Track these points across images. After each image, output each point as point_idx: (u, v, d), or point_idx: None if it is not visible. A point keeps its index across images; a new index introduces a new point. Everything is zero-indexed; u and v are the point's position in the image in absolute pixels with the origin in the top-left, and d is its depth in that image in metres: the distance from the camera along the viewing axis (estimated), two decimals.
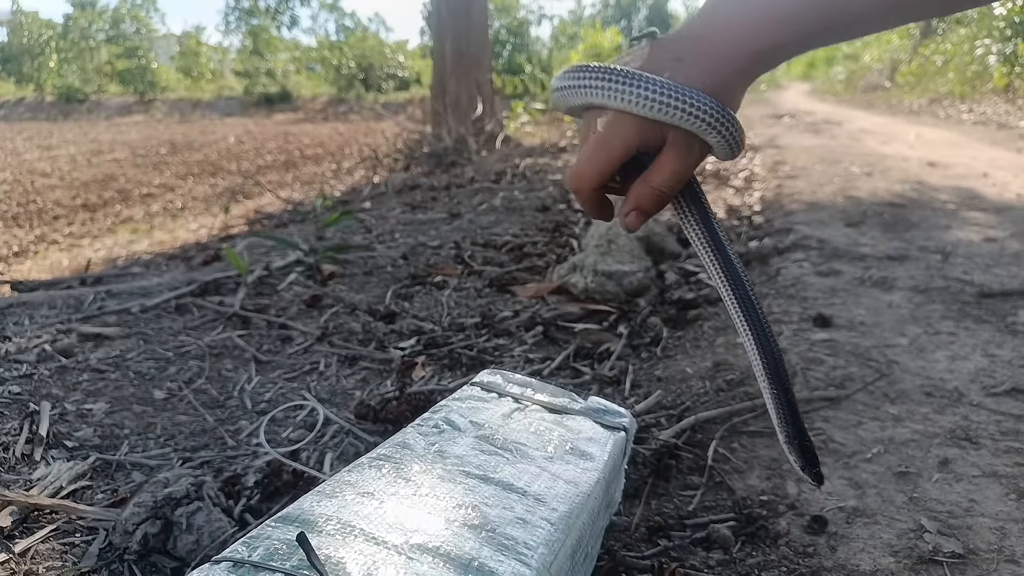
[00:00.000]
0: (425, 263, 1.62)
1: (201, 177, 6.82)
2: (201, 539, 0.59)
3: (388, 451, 0.50)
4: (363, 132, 10.11)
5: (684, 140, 0.43)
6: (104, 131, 12.50)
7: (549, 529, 0.43)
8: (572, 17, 23.79)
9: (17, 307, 1.21)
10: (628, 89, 0.42)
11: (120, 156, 8.50)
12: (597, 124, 0.46)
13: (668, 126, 0.42)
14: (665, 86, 0.41)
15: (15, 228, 4.74)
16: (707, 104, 0.41)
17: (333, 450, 0.79)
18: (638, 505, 0.68)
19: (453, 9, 5.91)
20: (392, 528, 0.40)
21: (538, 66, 13.38)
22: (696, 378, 0.98)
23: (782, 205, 2.34)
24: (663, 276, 1.53)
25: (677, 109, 0.41)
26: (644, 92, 0.41)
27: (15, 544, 0.59)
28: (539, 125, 6.79)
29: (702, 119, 0.41)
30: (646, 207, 0.44)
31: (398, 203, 2.68)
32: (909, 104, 8.92)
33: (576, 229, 2.00)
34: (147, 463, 0.74)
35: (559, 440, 0.55)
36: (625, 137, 0.44)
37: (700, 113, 0.41)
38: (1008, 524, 0.64)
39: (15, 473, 0.71)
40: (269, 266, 1.47)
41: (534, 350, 1.11)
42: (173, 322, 1.16)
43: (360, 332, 1.16)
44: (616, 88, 0.42)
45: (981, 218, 2.08)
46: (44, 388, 0.89)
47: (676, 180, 0.44)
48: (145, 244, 3.58)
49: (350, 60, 19.99)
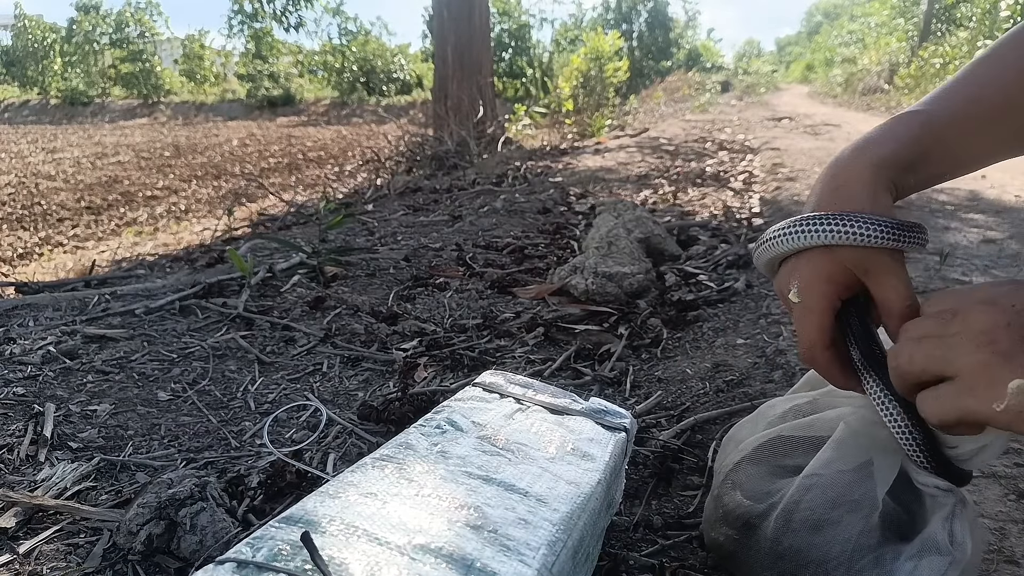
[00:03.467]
0: (427, 265, 1.62)
1: (205, 180, 6.85)
2: (205, 539, 0.59)
3: (391, 452, 0.50)
4: (365, 135, 10.14)
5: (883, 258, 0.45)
6: (108, 134, 12.54)
7: (551, 530, 0.43)
8: (573, 21, 23.81)
9: (22, 309, 1.22)
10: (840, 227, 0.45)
11: (124, 159, 8.53)
12: (791, 296, 0.47)
13: (868, 253, 0.44)
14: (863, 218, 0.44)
15: (20, 230, 4.76)
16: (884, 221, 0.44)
17: (336, 450, 0.79)
18: (639, 505, 0.69)
19: (455, 13, 5.93)
20: (395, 529, 0.40)
21: (539, 69, 13.40)
22: (696, 379, 0.99)
23: (781, 207, 2.34)
24: (663, 278, 1.53)
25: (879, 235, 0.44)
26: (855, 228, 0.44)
27: (19, 545, 0.60)
28: (540, 128, 6.79)
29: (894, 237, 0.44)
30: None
31: (400, 205, 2.69)
32: (908, 106, 8.90)
33: (577, 231, 2.01)
34: (151, 464, 0.75)
35: (560, 441, 0.55)
36: (821, 290, 0.46)
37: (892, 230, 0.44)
38: (1008, 525, 0.64)
39: (19, 474, 0.71)
40: (272, 268, 1.47)
41: (535, 351, 1.12)
42: (177, 324, 1.16)
43: (363, 333, 1.16)
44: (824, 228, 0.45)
45: (980, 219, 2.08)
46: (48, 389, 0.90)
47: (906, 290, 0.45)
48: (149, 246, 3.59)
49: (353, 64, 20.04)
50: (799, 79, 26.28)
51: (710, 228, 2.03)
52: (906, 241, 0.44)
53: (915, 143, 0.47)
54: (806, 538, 0.47)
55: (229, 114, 18.00)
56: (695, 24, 30.65)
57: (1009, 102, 0.47)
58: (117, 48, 23.92)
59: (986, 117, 0.48)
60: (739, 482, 0.54)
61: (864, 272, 0.45)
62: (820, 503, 0.48)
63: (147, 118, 18.15)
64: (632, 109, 9.21)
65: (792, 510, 0.49)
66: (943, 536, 0.43)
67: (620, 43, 7.80)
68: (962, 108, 0.48)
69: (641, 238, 1.65)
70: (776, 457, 0.54)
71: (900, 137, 0.48)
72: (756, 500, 0.52)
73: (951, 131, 0.47)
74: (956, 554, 0.42)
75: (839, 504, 0.47)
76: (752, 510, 0.52)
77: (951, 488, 0.45)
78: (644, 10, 24.71)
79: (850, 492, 0.47)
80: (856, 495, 0.47)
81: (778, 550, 0.49)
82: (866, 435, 0.49)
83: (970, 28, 10.54)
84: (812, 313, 0.46)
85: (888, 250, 0.45)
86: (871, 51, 14.90)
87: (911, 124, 0.48)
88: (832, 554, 0.46)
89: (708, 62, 27.06)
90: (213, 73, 23.34)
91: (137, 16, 25.08)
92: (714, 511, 0.56)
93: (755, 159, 3.77)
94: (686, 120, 7.55)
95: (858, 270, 0.45)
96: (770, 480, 0.52)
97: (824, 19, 36.40)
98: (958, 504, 0.44)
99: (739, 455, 0.56)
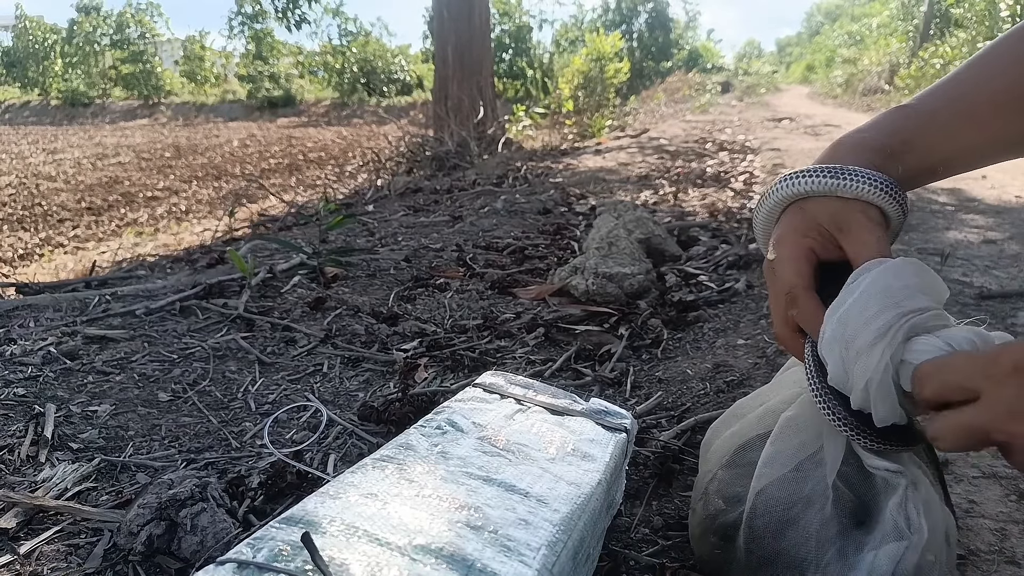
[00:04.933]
0: (428, 266, 1.62)
1: (205, 181, 6.85)
2: (205, 540, 0.59)
3: (391, 452, 0.50)
4: (366, 136, 10.14)
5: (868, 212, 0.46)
6: (109, 135, 12.55)
7: (551, 530, 0.43)
8: (573, 22, 23.83)
9: (22, 310, 1.22)
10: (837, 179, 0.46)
11: (125, 160, 8.54)
12: (768, 255, 0.48)
13: (841, 209, 0.46)
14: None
15: (21, 231, 4.76)
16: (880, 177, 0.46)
17: (336, 451, 0.79)
18: (639, 506, 0.68)
19: (455, 14, 5.93)
20: (395, 529, 0.40)
21: (539, 70, 13.42)
22: (696, 379, 0.99)
23: None
24: (663, 278, 1.53)
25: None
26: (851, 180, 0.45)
27: (20, 546, 0.60)
28: (540, 129, 6.80)
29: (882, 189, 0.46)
30: None
31: (401, 206, 2.69)
32: None
33: (577, 232, 2.01)
34: (152, 464, 0.75)
35: (561, 441, 0.55)
36: (794, 240, 0.47)
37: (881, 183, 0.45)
38: (1008, 525, 0.64)
39: (20, 475, 0.71)
40: (273, 269, 1.47)
41: (536, 352, 1.12)
42: (177, 324, 1.16)
43: (363, 334, 1.16)
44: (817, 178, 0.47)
45: (980, 220, 2.08)
46: (49, 390, 0.90)
47: (877, 244, 0.45)
48: (150, 247, 3.59)
49: (353, 64, 20.05)
50: (799, 80, 26.27)
51: (710, 229, 2.03)
52: (886, 195, 0.45)
53: (896, 133, 0.48)
54: (772, 544, 0.47)
55: (229, 115, 18.02)
56: (695, 25, 30.68)
57: (994, 104, 0.48)
58: (118, 49, 23.94)
59: (969, 116, 0.49)
60: (719, 490, 0.53)
61: (838, 229, 0.46)
62: (775, 504, 0.47)
63: (148, 119, 18.16)
64: (632, 110, 9.22)
65: (752, 517, 0.48)
66: (900, 521, 0.43)
67: (620, 44, 7.81)
68: (944, 105, 0.49)
69: (642, 239, 1.65)
70: (749, 454, 0.53)
71: (883, 127, 0.49)
72: (731, 506, 0.52)
73: (933, 125, 0.49)
74: (913, 538, 0.42)
75: (793, 502, 0.47)
76: (728, 518, 0.51)
77: (901, 470, 0.44)
78: (644, 11, 24.72)
79: (800, 487, 0.47)
80: (806, 489, 0.47)
81: (752, 561, 0.48)
82: (810, 420, 0.49)
83: (970, 29, 10.54)
84: (788, 260, 0.46)
85: (863, 208, 0.45)
86: (871, 52, 14.90)
87: (895, 116, 0.50)
88: (800, 556, 0.46)
89: (708, 63, 27.06)
90: (214, 74, 23.36)
91: (138, 17, 25.11)
92: (698, 522, 0.55)
93: (755, 160, 3.77)
94: (686, 121, 7.55)
95: (832, 227, 0.46)
96: (742, 483, 0.52)
97: (825, 20, 36.41)
98: (909, 487, 0.43)
99: (715, 464, 0.56)
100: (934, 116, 0.49)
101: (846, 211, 0.45)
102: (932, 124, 0.48)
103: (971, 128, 0.49)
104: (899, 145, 0.48)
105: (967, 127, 0.49)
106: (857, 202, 0.46)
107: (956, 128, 0.49)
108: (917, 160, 0.48)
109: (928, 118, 0.49)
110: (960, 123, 0.48)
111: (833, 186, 0.45)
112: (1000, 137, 0.49)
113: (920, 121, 0.49)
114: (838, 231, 0.46)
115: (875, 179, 0.45)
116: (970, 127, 0.49)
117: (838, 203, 0.46)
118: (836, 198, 0.46)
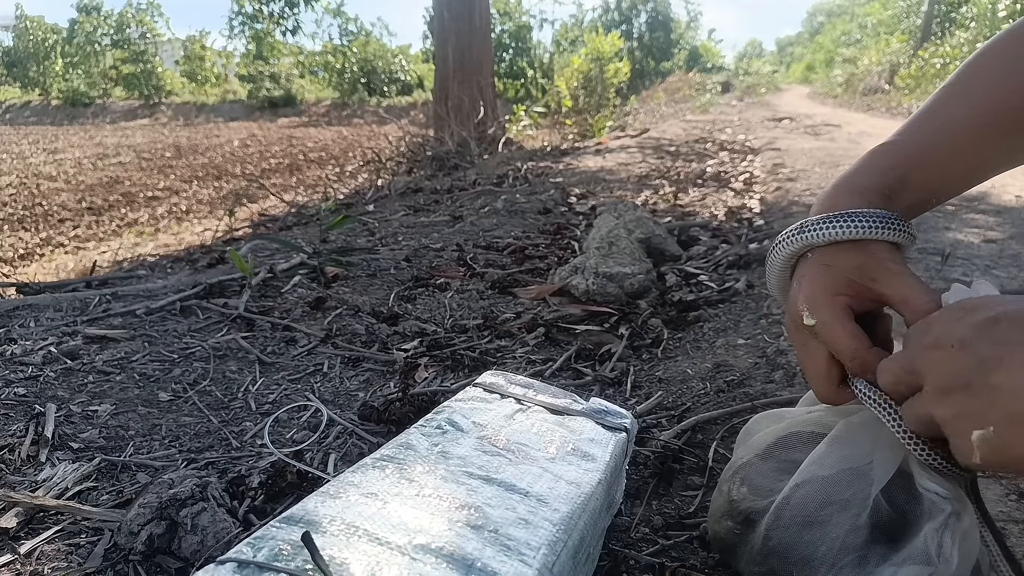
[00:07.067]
0: (428, 265, 1.62)
1: (206, 180, 6.85)
2: (206, 539, 0.59)
3: (391, 452, 0.50)
4: (366, 136, 10.15)
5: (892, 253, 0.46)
6: (109, 135, 12.55)
7: (551, 530, 0.43)
8: (573, 21, 23.82)
9: (23, 310, 1.22)
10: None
11: (125, 160, 8.54)
12: (804, 320, 0.47)
13: (866, 258, 0.46)
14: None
15: (21, 231, 4.76)
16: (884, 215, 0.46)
17: (337, 451, 0.79)
18: (640, 505, 0.69)
19: (455, 14, 5.93)
20: (396, 529, 0.40)
21: (540, 70, 13.42)
22: (697, 379, 0.99)
23: (782, 207, 2.34)
24: (664, 278, 1.53)
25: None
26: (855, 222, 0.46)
27: (20, 545, 0.60)
28: (541, 129, 6.80)
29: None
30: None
31: (401, 206, 2.69)
32: (908, 107, 8.93)
33: (577, 231, 2.01)
34: (152, 464, 0.75)
35: (561, 441, 0.55)
36: (831, 301, 0.46)
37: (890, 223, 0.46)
38: (1009, 525, 0.64)
39: (21, 475, 0.71)
40: (273, 269, 1.48)
41: (536, 351, 1.12)
42: (178, 324, 1.17)
43: (364, 334, 1.16)
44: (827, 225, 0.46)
45: (980, 220, 2.08)
46: (50, 390, 0.90)
47: (920, 285, 0.45)
48: (150, 247, 3.60)
49: (353, 64, 20.05)
50: (800, 79, 26.27)
51: (711, 228, 2.03)
52: (895, 230, 0.45)
53: (890, 170, 0.49)
54: (795, 535, 0.47)
55: (230, 115, 18.03)
56: (697, 25, 30.67)
57: (975, 133, 0.49)
58: (118, 49, 23.95)
59: (952, 148, 0.49)
60: (747, 477, 0.54)
61: (871, 279, 0.45)
62: (810, 501, 0.48)
63: (148, 119, 18.17)
64: (633, 110, 9.22)
65: (783, 507, 0.49)
66: (932, 547, 0.42)
67: (620, 44, 7.81)
68: (926, 138, 0.50)
69: (642, 238, 1.65)
70: (787, 452, 0.54)
71: (874, 168, 0.49)
72: (761, 496, 0.52)
73: (921, 160, 0.49)
74: (941, 568, 0.42)
75: (829, 503, 0.47)
76: (755, 505, 0.52)
77: (949, 496, 0.44)
78: (645, 11, 24.72)
79: (841, 491, 0.47)
80: (847, 494, 0.47)
81: (769, 546, 0.49)
82: (867, 432, 0.49)
83: (970, 29, 10.54)
84: (835, 323, 0.45)
85: (887, 251, 0.45)
86: (871, 51, 14.90)
87: (882, 155, 0.50)
88: (818, 553, 0.46)
89: (709, 62, 27.07)
90: (214, 74, 23.36)
91: (138, 17, 25.11)
92: (720, 504, 0.56)
93: (756, 160, 3.77)
94: (687, 121, 7.55)
95: (863, 278, 0.45)
96: (777, 477, 0.52)
97: (826, 19, 36.40)
98: (952, 516, 0.43)
99: (751, 451, 0.56)
100: (920, 150, 0.49)
101: (871, 260, 0.45)
102: (919, 159, 0.49)
103: (957, 159, 0.49)
104: (895, 183, 0.48)
105: (952, 159, 0.49)
106: (876, 246, 0.45)
107: (942, 160, 0.49)
108: (912, 196, 0.49)
109: (915, 152, 0.49)
110: (944, 155, 0.49)
111: (848, 232, 0.45)
112: (987, 160, 0.50)
113: (908, 157, 0.49)
114: (871, 281, 0.45)
115: (886, 218, 0.45)
116: (955, 158, 0.49)
117: (861, 254, 0.45)
118: (856, 250, 0.45)
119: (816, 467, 0.49)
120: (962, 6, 11.53)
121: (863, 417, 0.49)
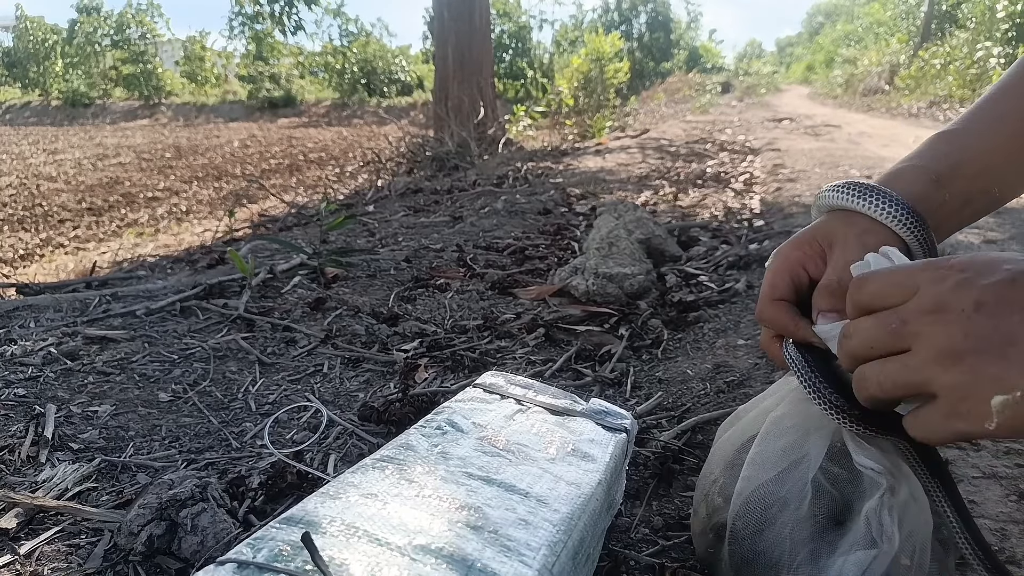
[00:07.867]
0: (428, 266, 1.62)
1: (206, 181, 6.85)
2: (206, 540, 0.59)
3: (391, 452, 0.50)
4: (366, 136, 10.15)
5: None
6: (109, 135, 12.56)
7: (551, 530, 0.43)
8: (573, 22, 23.83)
9: (23, 310, 1.22)
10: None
11: (125, 160, 8.54)
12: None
13: (836, 226, 0.47)
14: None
15: (21, 232, 4.76)
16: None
17: (337, 451, 0.79)
18: (640, 506, 0.69)
19: (455, 15, 5.94)
20: (395, 529, 0.40)
21: (539, 71, 13.42)
22: (697, 379, 0.99)
23: (782, 208, 2.35)
24: (664, 278, 1.53)
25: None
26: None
27: (20, 546, 0.60)
28: (541, 129, 6.80)
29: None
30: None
31: (401, 206, 2.69)
32: (908, 107, 8.93)
33: (577, 232, 2.01)
34: (152, 465, 0.75)
35: (561, 442, 0.55)
36: (784, 252, 0.48)
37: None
38: (1008, 525, 0.64)
39: (20, 475, 0.71)
40: (273, 269, 1.48)
41: (536, 352, 1.12)
42: (178, 325, 1.17)
43: (363, 334, 1.16)
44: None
45: (981, 220, 2.08)
46: (50, 390, 0.90)
47: (837, 265, 0.45)
48: (150, 247, 3.60)
49: (353, 65, 20.06)
50: (800, 80, 26.27)
51: (711, 229, 2.03)
52: (880, 207, 0.45)
53: (945, 157, 0.48)
54: (751, 545, 0.47)
55: (230, 115, 18.03)
56: (697, 25, 30.68)
57: None
58: (118, 49, 23.95)
59: (1013, 135, 0.48)
60: (721, 491, 0.53)
61: (828, 244, 0.46)
62: (755, 506, 0.47)
63: (148, 119, 18.18)
64: (633, 110, 9.23)
65: (736, 517, 0.48)
66: (873, 527, 0.42)
67: (620, 44, 7.81)
68: (986, 126, 0.49)
69: (642, 239, 1.65)
70: (743, 456, 0.53)
71: (929, 153, 0.49)
72: (728, 506, 0.52)
73: (979, 145, 0.48)
74: (884, 547, 0.41)
75: (770, 504, 0.47)
76: (722, 517, 0.51)
77: (883, 470, 0.43)
78: (644, 11, 24.72)
79: (778, 489, 0.47)
80: (784, 491, 0.47)
81: (735, 561, 0.48)
82: (794, 420, 0.48)
83: (970, 29, 10.54)
84: (769, 270, 0.48)
85: (867, 226, 0.45)
86: (871, 52, 14.91)
87: (939, 140, 0.50)
88: (776, 557, 0.45)
89: (709, 63, 27.08)
90: (214, 74, 23.37)
91: (138, 17, 25.12)
92: (695, 522, 0.55)
93: (756, 160, 3.78)
94: (687, 121, 7.56)
95: (824, 241, 0.46)
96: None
97: (825, 19, 36.41)
98: (887, 491, 0.42)
99: (718, 465, 0.56)
100: (976, 139, 0.48)
101: (843, 228, 0.45)
102: (975, 147, 0.48)
103: (1014, 152, 0.48)
104: (947, 170, 0.47)
105: (1008, 151, 0.48)
106: (860, 219, 0.46)
107: (995, 151, 0.48)
108: (965, 185, 0.48)
109: (970, 140, 0.48)
110: (999, 146, 0.48)
111: (833, 199, 0.46)
112: None
113: (963, 145, 0.48)
114: (828, 247, 0.46)
115: (878, 195, 0.45)
116: (1012, 151, 0.48)
117: (840, 222, 0.46)
118: (841, 218, 0.46)
119: (752, 471, 0.49)
120: (962, 4, 11.53)
121: (786, 408, 0.50)
